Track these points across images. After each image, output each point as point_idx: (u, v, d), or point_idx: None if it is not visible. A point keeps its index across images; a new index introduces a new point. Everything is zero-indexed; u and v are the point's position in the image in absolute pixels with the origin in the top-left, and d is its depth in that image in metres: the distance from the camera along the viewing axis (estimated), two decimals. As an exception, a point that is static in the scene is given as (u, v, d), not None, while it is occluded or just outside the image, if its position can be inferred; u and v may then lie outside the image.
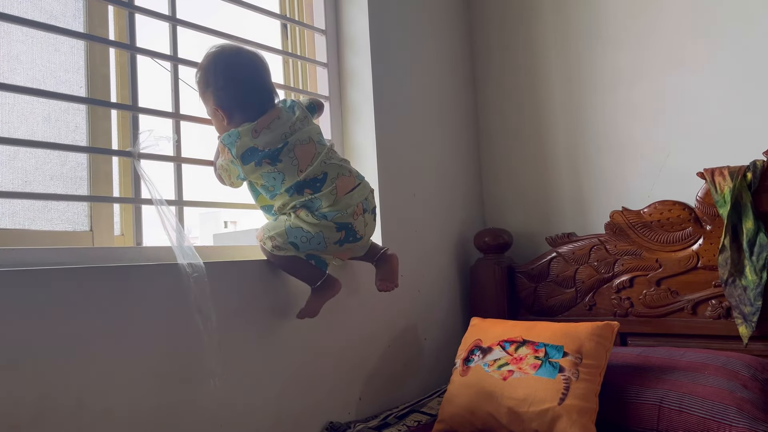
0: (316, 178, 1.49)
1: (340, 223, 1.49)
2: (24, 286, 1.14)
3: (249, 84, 1.51)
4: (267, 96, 1.54)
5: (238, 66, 1.52)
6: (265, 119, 1.49)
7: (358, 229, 1.53)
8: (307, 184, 1.48)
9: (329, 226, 1.48)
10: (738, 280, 1.73)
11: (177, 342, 1.35)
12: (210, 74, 1.50)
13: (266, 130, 1.47)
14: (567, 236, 2.09)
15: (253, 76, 1.53)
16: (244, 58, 1.54)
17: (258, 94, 1.52)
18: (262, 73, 1.54)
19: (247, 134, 1.46)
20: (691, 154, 1.98)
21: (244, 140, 1.46)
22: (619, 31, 2.15)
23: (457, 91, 2.37)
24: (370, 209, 1.57)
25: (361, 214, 1.53)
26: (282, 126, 1.49)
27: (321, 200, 1.47)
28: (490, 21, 2.44)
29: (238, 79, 1.50)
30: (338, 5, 2.03)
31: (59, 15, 1.43)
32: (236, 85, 1.50)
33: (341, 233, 1.49)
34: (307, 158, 1.49)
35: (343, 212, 1.48)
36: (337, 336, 1.74)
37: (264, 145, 1.46)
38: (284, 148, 1.47)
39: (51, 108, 1.40)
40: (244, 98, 1.50)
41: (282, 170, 1.47)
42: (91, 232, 1.45)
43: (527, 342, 1.63)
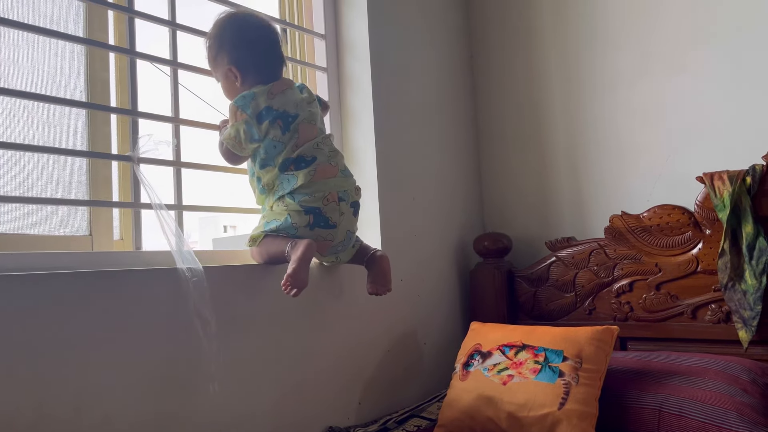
0: (304, 157, 1.51)
1: (307, 207, 1.49)
2: (23, 290, 1.14)
3: (264, 45, 1.55)
4: (280, 61, 1.58)
5: (253, 27, 1.56)
6: (279, 84, 1.53)
7: (330, 216, 1.51)
8: (295, 161, 1.50)
9: (297, 210, 1.48)
10: (738, 284, 1.73)
11: (176, 347, 1.35)
12: (226, 33, 1.53)
13: (281, 95, 1.51)
14: (566, 240, 2.09)
15: (269, 38, 1.57)
16: (258, 20, 1.58)
17: (273, 57, 1.56)
18: (277, 40, 1.59)
19: (262, 95, 1.49)
20: (690, 159, 1.98)
21: (260, 100, 1.49)
22: (618, 35, 2.16)
23: (456, 95, 2.37)
24: (350, 202, 1.56)
25: (335, 201, 1.51)
26: (294, 96, 1.54)
27: (297, 178, 1.48)
28: (490, 24, 2.45)
29: (254, 40, 1.54)
30: (337, 10, 2.03)
31: (59, 20, 1.43)
32: (252, 45, 1.53)
33: (309, 217, 1.49)
34: (306, 138, 1.52)
35: (311, 196, 1.49)
36: (337, 341, 1.73)
37: (279, 106, 1.50)
38: (294, 119, 1.51)
39: (51, 112, 1.40)
40: (260, 58, 1.53)
41: (284, 141, 1.50)
42: (90, 237, 1.45)
43: (527, 346, 1.63)
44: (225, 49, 1.52)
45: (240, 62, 1.52)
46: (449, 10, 2.39)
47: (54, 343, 1.17)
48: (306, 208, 1.49)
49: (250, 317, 1.51)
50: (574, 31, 2.25)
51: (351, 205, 1.57)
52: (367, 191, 1.94)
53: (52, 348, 1.16)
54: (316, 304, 1.68)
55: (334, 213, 1.52)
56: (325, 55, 1.99)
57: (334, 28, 2.02)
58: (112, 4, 1.52)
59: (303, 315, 1.64)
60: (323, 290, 1.69)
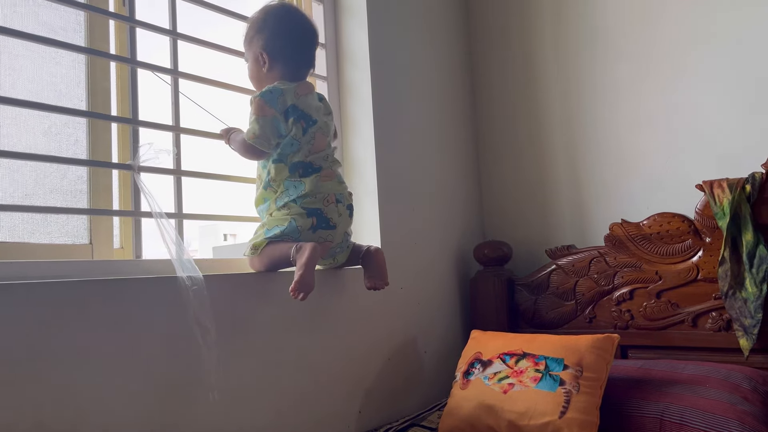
0: (312, 164, 1.54)
1: (310, 209, 1.51)
2: (23, 299, 1.14)
3: (300, 41, 1.59)
4: (309, 61, 1.64)
5: (296, 22, 1.61)
6: (303, 87, 1.57)
7: (331, 217, 1.53)
8: (305, 165, 1.53)
9: (300, 213, 1.50)
10: (738, 292, 1.73)
11: (176, 356, 1.34)
12: (269, 19, 1.57)
13: (304, 97, 1.56)
14: (567, 248, 2.09)
15: (307, 36, 1.62)
16: (304, 18, 1.63)
17: (304, 55, 1.61)
18: (314, 40, 1.64)
19: (290, 93, 1.53)
20: (689, 167, 1.99)
21: (287, 97, 1.52)
22: (618, 42, 2.17)
23: (456, 104, 2.38)
24: (345, 204, 1.59)
25: (333, 203, 1.54)
26: (314, 102, 1.58)
27: (304, 185, 1.51)
28: (490, 35, 2.46)
29: (293, 34, 1.58)
30: (338, 19, 2.04)
31: (60, 29, 1.43)
32: (289, 38, 1.57)
33: (312, 219, 1.51)
34: (319, 146, 1.56)
35: (312, 197, 1.51)
36: (337, 349, 1.73)
37: (303, 107, 1.54)
38: (313, 124, 1.55)
39: (51, 121, 1.40)
40: (292, 53, 1.57)
41: (301, 142, 1.53)
42: (90, 245, 1.44)
43: (527, 355, 1.63)
44: (263, 33, 1.57)
45: (272, 50, 1.56)
46: (449, 21, 2.40)
47: (54, 352, 1.16)
48: (309, 210, 1.51)
49: (250, 326, 1.51)
50: (574, 38, 2.26)
51: (347, 207, 1.60)
52: (367, 199, 1.94)
53: (52, 357, 1.16)
54: (316, 312, 1.67)
55: (333, 214, 1.54)
56: (325, 64, 2.00)
57: (334, 38, 2.03)
58: (113, 14, 1.53)
59: (303, 323, 1.63)
60: (323, 299, 1.69)
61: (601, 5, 2.20)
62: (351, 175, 1.98)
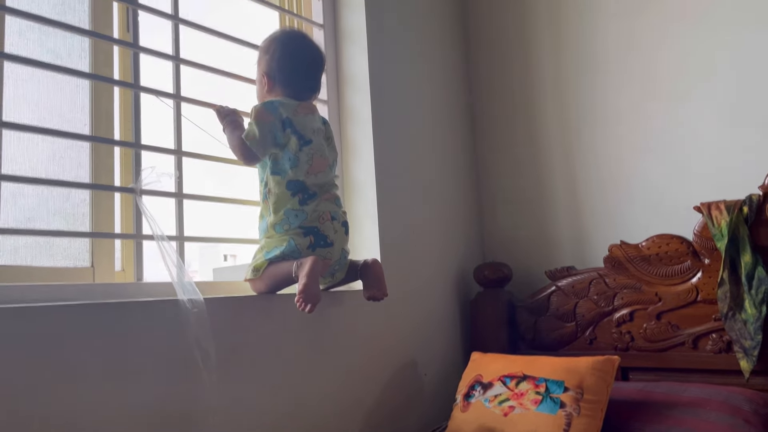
0: (308, 190, 1.55)
1: (307, 228, 1.53)
2: (25, 322, 1.14)
3: (302, 67, 1.64)
4: (311, 86, 1.67)
5: (301, 48, 1.66)
6: (304, 107, 1.61)
7: (327, 234, 1.55)
8: (304, 189, 1.54)
9: (297, 232, 1.52)
10: (738, 313, 1.73)
11: (177, 378, 1.34)
12: (275, 44, 1.63)
13: (303, 117, 1.59)
14: (566, 270, 2.10)
15: (310, 63, 1.66)
16: (309, 45, 1.68)
17: (304, 80, 1.64)
18: (318, 66, 1.69)
19: (288, 108, 1.57)
20: (687, 188, 2.00)
21: (284, 111, 1.56)
22: (616, 67, 2.19)
23: (456, 127, 2.40)
24: (340, 221, 1.60)
25: (329, 220, 1.56)
26: (312, 123, 1.61)
27: (306, 214, 1.53)
28: (489, 59, 2.49)
29: (295, 58, 1.63)
30: (338, 45, 2.07)
31: (66, 55, 1.46)
32: (291, 63, 1.62)
33: (309, 238, 1.52)
34: (317, 168, 1.58)
35: (308, 217, 1.53)
36: (337, 372, 1.73)
37: (299, 126, 1.56)
38: (309, 144, 1.57)
39: (55, 146, 1.42)
40: (292, 76, 1.62)
41: (298, 158, 1.55)
42: (92, 268, 1.45)
43: (528, 377, 1.63)
44: (267, 56, 1.62)
45: (274, 73, 1.61)
46: (449, 46, 2.43)
47: (55, 374, 1.16)
48: (306, 228, 1.52)
49: (250, 348, 1.51)
50: (572, 63, 2.29)
51: (342, 224, 1.61)
52: (368, 221, 1.95)
53: (53, 379, 1.16)
54: (316, 334, 1.68)
55: (330, 231, 1.56)
56: (326, 88, 2.02)
57: (334, 62, 2.06)
58: (117, 40, 1.55)
59: (303, 345, 1.64)
60: (323, 321, 1.69)
61: (601, 33, 2.22)
62: (351, 197, 2.00)
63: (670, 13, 2.09)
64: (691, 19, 2.05)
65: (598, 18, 2.23)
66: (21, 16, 1.35)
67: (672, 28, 2.08)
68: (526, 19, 2.40)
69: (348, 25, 2.06)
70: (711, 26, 2.01)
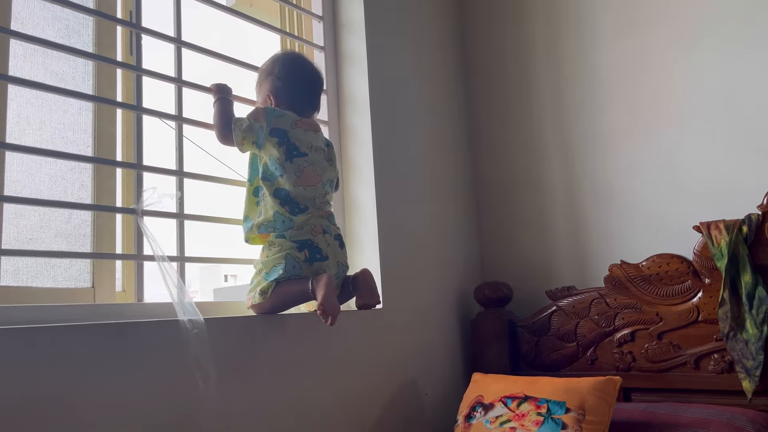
0: (298, 203, 1.56)
1: (301, 241, 1.54)
2: (26, 344, 1.14)
3: (305, 87, 1.71)
4: (313, 105, 1.73)
5: (303, 69, 1.73)
6: (304, 122, 1.65)
7: (321, 247, 1.56)
8: (291, 201, 1.55)
9: (292, 246, 1.53)
10: (739, 333, 1.72)
11: (177, 399, 1.34)
12: (278, 65, 1.69)
13: (301, 130, 1.62)
14: (567, 289, 2.10)
15: (312, 84, 1.73)
16: (310, 66, 1.75)
17: (308, 100, 1.71)
18: (318, 86, 1.76)
19: (287, 120, 1.61)
20: (687, 208, 2.01)
21: (284, 121, 1.60)
22: (614, 89, 2.21)
23: (455, 147, 2.42)
24: (333, 234, 1.62)
25: (320, 233, 1.57)
26: (311, 139, 1.64)
27: (293, 222, 1.54)
28: (488, 81, 2.51)
29: (299, 79, 1.69)
30: (339, 67, 2.09)
31: (70, 78, 1.48)
32: (295, 83, 1.68)
33: (305, 252, 1.53)
34: (307, 182, 1.59)
35: (300, 230, 1.55)
36: (337, 392, 1.72)
37: (294, 138, 1.59)
38: (302, 157, 1.59)
39: (58, 167, 1.43)
40: (296, 96, 1.68)
41: (286, 168, 1.56)
42: (92, 289, 1.46)
43: (529, 398, 1.62)
44: (271, 77, 1.68)
45: (278, 93, 1.67)
46: (450, 67, 2.46)
47: (55, 395, 1.16)
48: (299, 242, 1.53)
49: (250, 369, 1.51)
50: (572, 85, 2.31)
51: (335, 238, 1.62)
52: (368, 241, 1.96)
53: (54, 401, 1.16)
54: (316, 354, 1.67)
55: (323, 244, 1.57)
56: (327, 109, 2.04)
57: (335, 84, 2.08)
58: (121, 63, 1.57)
59: (303, 366, 1.63)
60: (323, 340, 1.69)
61: (600, 56, 2.24)
62: (352, 217, 2.00)
63: (669, 37, 2.11)
64: (689, 43, 2.07)
65: (598, 42, 2.26)
66: (27, 40, 1.37)
67: (670, 51, 2.11)
68: (525, 44, 2.43)
69: (348, 48, 2.08)
70: (708, 49, 2.04)
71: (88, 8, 1.53)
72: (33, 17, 1.43)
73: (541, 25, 2.39)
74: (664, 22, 2.13)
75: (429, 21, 2.40)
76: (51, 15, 1.46)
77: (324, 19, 2.09)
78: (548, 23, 2.38)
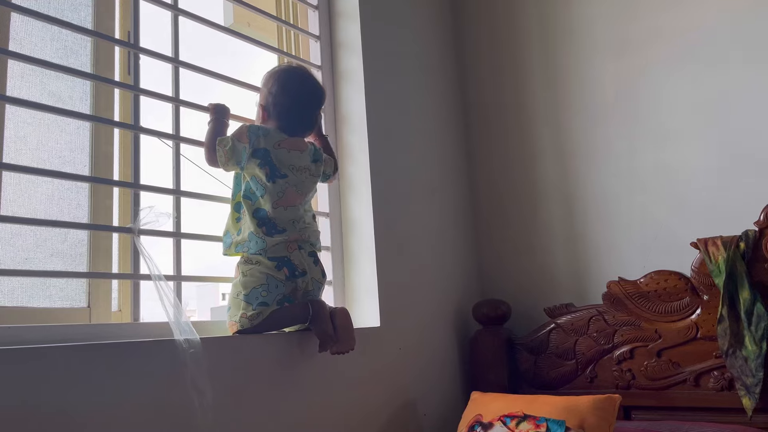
0: (276, 225, 1.55)
1: (278, 258, 1.53)
2: (21, 364, 1.13)
3: (298, 105, 1.66)
4: (306, 125, 1.69)
5: (299, 86, 1.68)
6: (291, 142, 1.62)
7: (297, 264, 1.55)
8: (268, 223, 1.54)
9: (269, 265, 1.52)
10: (738, 350, 1.72)
11: (173, 420, 1.32)
12: (274, 78, 1.66)
13: (286, 151, 1.60)
14: (565, 307, 2.09)
15: (306, 102, 1.68)
16: (308, 83, 1.70)
17: (298, 119, 1.66)
18: (314, 105, 1.71)
19: (272, 140, 1.59)
20: (684, 225, 2.01)
21: (268, 140, 1.58)
22: (610, 106, 2.22)
23: (454, 165, 2.42)
24: (307, 251, 1.59)
25: (296, 249, 1.56)
26: (298, 161, 1.62)
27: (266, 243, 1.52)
28: (485, 98, 2.53)
29: (292, 96, 1.65)
30: (336, 85, 2.10)
31: (67, 98, 1.48)
32: (287, 99, 1.64)
33: (284, 270, 1.53)
34: (287, 202, 1.58)
35: (277, 246, 1.54)
36: (335, 413, 1.70)
37: (275, 159, 1.57)
38: (283, 177, 1.57)
39: (54, 186, 1.43)
40: (286, 113, 1.64)
41: (268, 189, 1.55)
42: (88, 309, 1.45)
43: (528, 417, 1.61)
44: (265, 90, 1.66)
45: (269, 107, 1.65)
46: (446, 84, 2.47)
47: (50, 416, 1.15)
48: (277, 259, 1.53)
49: (246, 389, 1.49)
50: (567, 103, 2.32)
51: (309, 255, 1.60)
52: (365, 258, 1.95)
53: (48, 422, 1.15)
54: (313, 374, 1.66)
55: (298, 259, 1.56)
56: (323, 127, 2.04)
57: (332, 102, 2.09)
58: (118, 83, 1.58)
59: (299, 386, 1.62)
60: (321, 361, 1.68)
61: (597, 72, 2.26)
62: (349, 235, 2.00)
63: (663, 53, 2.13)
64: (684, 58, 2.09)
65: (593, 58, 2.28)
66: (25, 60, 1.37)
67: (665, 67, 2.12)
68: (522, 59, 2.45)
69: (345, 67, 2.10)
70: (705, 65, 2.05)
71: (87, 29, 1.54)
72: (31, 37, 1.44)
73: (537, 42, 2.41)
74: (657, 38, 2.14)
75: (426, 40, 2.42)
76: (49, 35, 1.47)
77: (321, 39, 2.11)
78: (543, 40, 2.40)
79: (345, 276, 1.99)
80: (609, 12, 2.26)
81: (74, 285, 1.44)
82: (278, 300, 1.52)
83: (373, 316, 1.91)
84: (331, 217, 1.99)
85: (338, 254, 1.99)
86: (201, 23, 1.74)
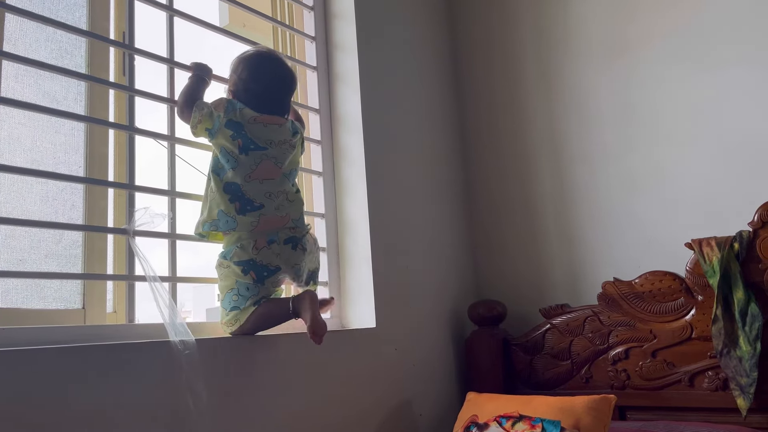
0: (252, 201, 1.49)
1: (243, 263, 1.47)
2: (15, 366, 1.13)
3: (265, 91, 1.60)
4: (277, 106, 1.62)
5: (268, 71, 1.62)
6: (268, 117, 1.57)
7: (267, 263, 1.48)
8: (242, 197, 1.49)
9: (237, 273, 1.48)
10: (732, 350, 1.72)
11: (168, 421, 1.32)
12: (242, 63, 1.61)
13: (261, 125, 1.55)
14: (560, 307, 2.09)
15: (274, 87, 1.62)
16: (277, 69, 1.64)
17: (267, 103, 1.60)
18: (284, 90, 1.65)
19: (246, 115, 1.54)
20: (678, 225, 2.01)
21: (242, 115, 1.53)
22: (605, 108, 2.23)
23: (449, 166, 2.43)
24: (281, 241, 1.51)
25: (264, 246, 1.49)
26: (272, 134, 1.57)
27: (236, 223, 1.47)
28: (481, 100, 2.53)
29: (263, 83, 1.60)
30: (331, 86, 2.10)
31: (62, 98, 1.48)
32: (257, 86, 1.59)
33: (251, 274, 1.47)
34: (262, 175, 1.52)
35: (240, 248, 1.48)
36: (330, 413, 1.70)
37: (251, 133, 1.53)
38: (259, 150, 1.53)
39: (49, 188, 1.43)
40: (254, 98, 1.58)
41: (239, 161, 1.51)
42: (83, 310, 1.44)
43: (524, 417, 1.61)
44: (235, 76, 1.62)
45: (237, 92, 1.60)
46: (441, 86, 2.47)
47: (44, 418, 1.15)
48: (242, 264, 1.47)
49: (242, 390, 1.49)
50: (562, 105, 2.33)
51: (285, 242, 1.52)
52: (361, 260, 1.95)
53: (43, 423, 1.14)
54: (309, 375, 1.66)
55: (267, 257, 1.49)
56: (319, 129, 2.05)
57: (327, 103, 2.09)
58: (113, 84, 1.58)
59: (294, 387, 1.62)
60: (317, 361, 1.68)
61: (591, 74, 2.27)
62: (345, 237, 2.00)
63: (657, 55, 2.14)
64: (679, 60, 2.10)
65: (588, 61, 2.28)
66: (19, 60, 1.37)
67: (659, 69, 2.13)
68: (517, 60, 2.45)
69: (341, 68, 2.09)
70: (697, 66, 2.06)
71: (81, 29, 1.54)
72: (25, 38, 1.44)
73: (532, 43, 2.42)
74: (652, 41, 2.15)
75: (422, 41, 2.43)
76: (44, 36, 1.47)
77: (317, 40, 2.11)
78: (539, 41, 2.40)
79: (340, 277, 1.99)
80: (603, 14, 2.26)
81: (69, 286, 1.44)
82: (255, 302, 1.48)
83: (369, 317, 1.91)
84: (327, 218, 1.99)
85: (334, 255, 1.99)
86: (196, 24, 1.74)
